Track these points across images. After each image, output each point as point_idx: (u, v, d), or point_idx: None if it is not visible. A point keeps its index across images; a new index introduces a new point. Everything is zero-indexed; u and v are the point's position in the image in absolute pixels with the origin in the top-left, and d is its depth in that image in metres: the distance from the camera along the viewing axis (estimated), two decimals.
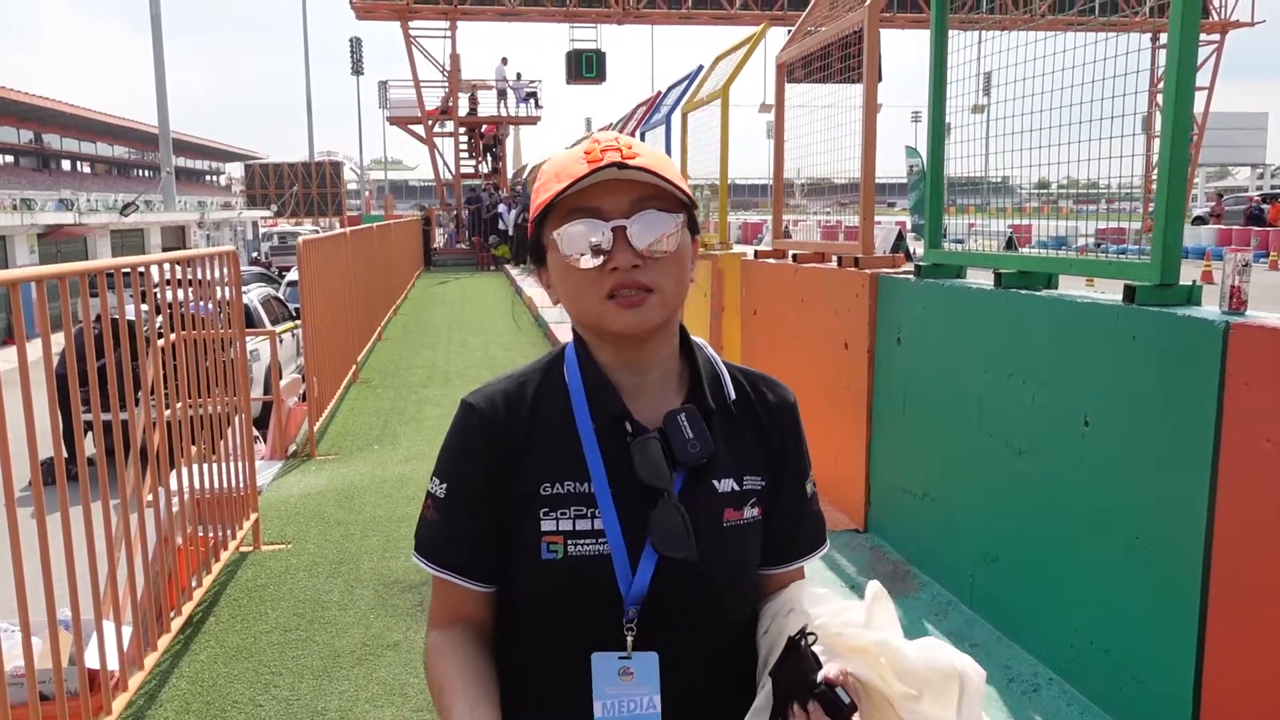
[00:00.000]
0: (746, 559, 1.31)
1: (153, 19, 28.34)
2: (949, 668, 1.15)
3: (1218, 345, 2.52)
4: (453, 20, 31.08)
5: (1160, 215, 2.87)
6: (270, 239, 37.07)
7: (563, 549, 1.23)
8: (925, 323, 4.19)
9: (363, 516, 5.66)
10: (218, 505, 4.61)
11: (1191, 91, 2.86)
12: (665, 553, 1.20)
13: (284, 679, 3.70)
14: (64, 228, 28.00)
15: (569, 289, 1.26)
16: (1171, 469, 2.70)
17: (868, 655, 1.18)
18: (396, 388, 9.97)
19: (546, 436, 1.27)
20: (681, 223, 1.25)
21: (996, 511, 3.64)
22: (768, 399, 1.37)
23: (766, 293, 6.19)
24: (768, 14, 30.09)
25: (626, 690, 1.23)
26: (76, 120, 64.47)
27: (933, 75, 4.28)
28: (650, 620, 1.23)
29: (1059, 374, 3.25)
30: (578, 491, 1.24)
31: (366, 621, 4.20)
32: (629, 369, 1.29)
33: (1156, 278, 2.87)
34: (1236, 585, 2.50)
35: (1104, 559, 3.01)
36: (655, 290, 1.22)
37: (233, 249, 5.17)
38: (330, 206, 47.50)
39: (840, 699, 1.15)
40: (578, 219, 1.21)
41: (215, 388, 4.67)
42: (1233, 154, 55.19)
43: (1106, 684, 2.98)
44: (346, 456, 7.18)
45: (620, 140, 1.24)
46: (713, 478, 1.28)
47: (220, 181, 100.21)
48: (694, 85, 9.17)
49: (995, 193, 4.75)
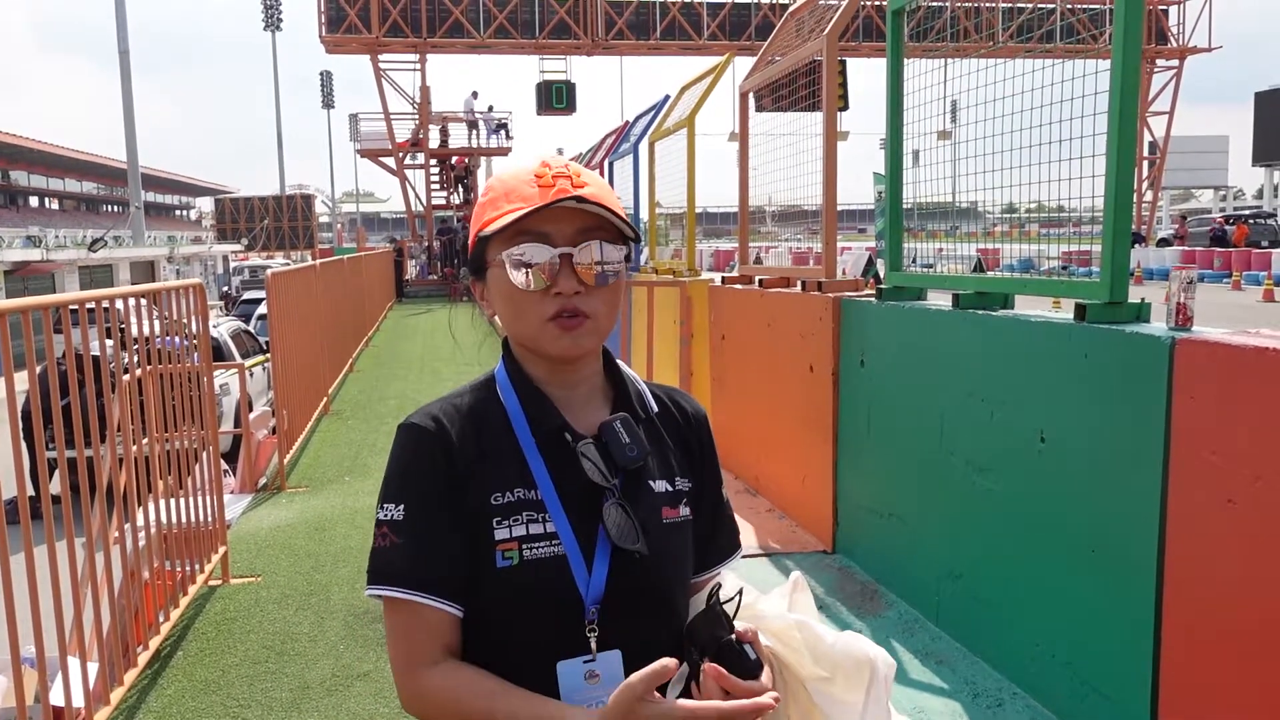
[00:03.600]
0: (685, 554, 1.38)
1: (120, 55, 28.30)
2: (862, 655, 1.22)
3: (1164, 360, 2.59)
4: (422, 53, 31.26)
5: (1108, 235, 2.95)
6: (241, 273, 36.89)
7: (518, 554, 1.25)
8: (887, 344, 4.25)
9: (333, 548, 5.64)
10: (185, 540, 4.59)
11: (1135, 117, 2.95)
12: (620, 544, 1.25)
13: (253, 711, 3.68)
14: (32, 264, 27.74)
15: (511, 309, 1.30)
16: (1124, 482, 2.76)
17: (786, 637, 1.25)
18: (368, 419, 9.94)
19: (490, 450, 1.30)
20: (624, 255, 1.30)
21: (960, 530, 3.69)
22: (685, 410, 1.45)
23: (734, 318, 6.26)
24: (735, 44, 30.46)
25: (593, 693, 1.24)
26: (44, 156, 64.06)
27: (890, 103, 4.37)
28: (609, 618, 1.26)
29: (1015, 392, 3.31)
30: (526, 498, 1.28)
31: (336, 653, 4.18)
32: (561, 384, 1.35)
33: (1106, 296, 2.95)
34: (1188, 594, 2.55)
35: (1063, 573, 3.06)
36: (592, 317, 1.28)
37: (200, 282, 5.17)
38: (302, 240, 47.35)
39: (746, 654, 1.18)
40: (527, 242, 1.26)
41: (183, 422, 4.66)
42: (1195, 177, 56.23)
43: (1068, 697, 3.02)
44: (317, 488, 7.14)
45: (570, 167, 1.28)
46: (648, 479, 1.34)
47: (190, 216, 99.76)
48: (660, 115, 9.26)
49: (962, 217, 4.84)
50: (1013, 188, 3.71)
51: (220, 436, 5.78)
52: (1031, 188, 3.57)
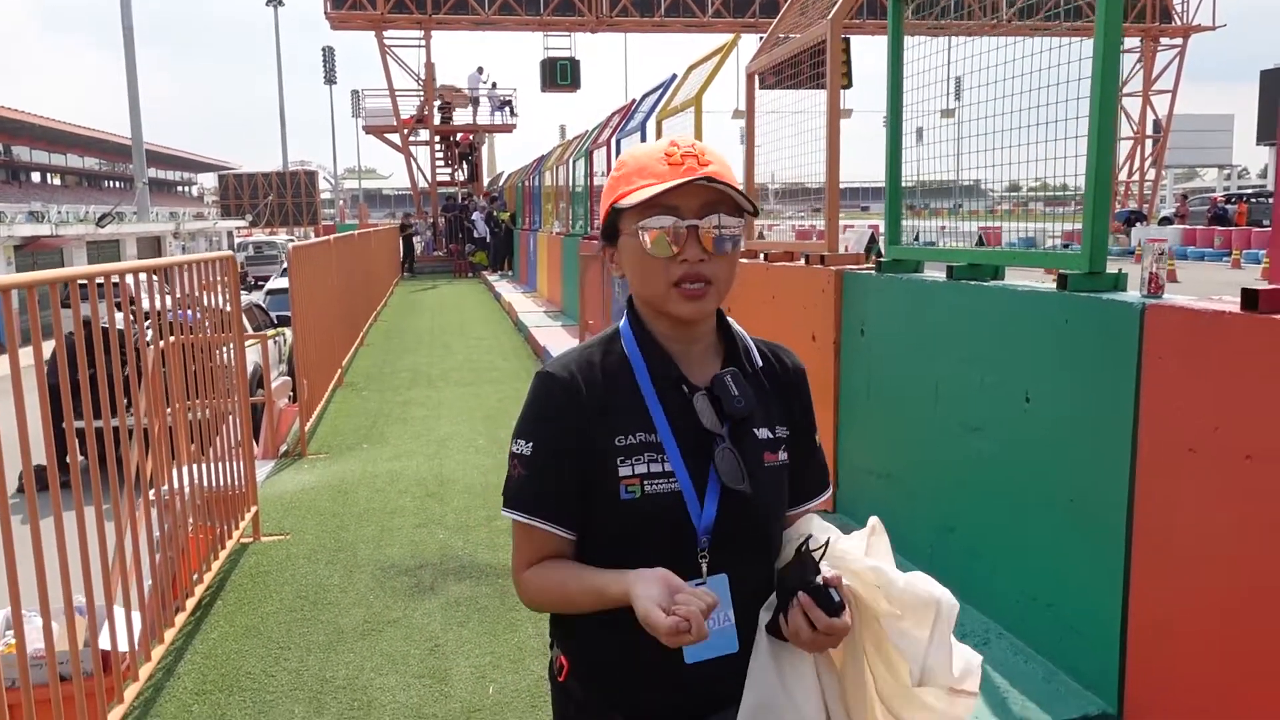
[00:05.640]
0: (782, 495, 1.57)
1: (124, 31, 28.41)
2: (929, 596, 1.38)
3: (1135, 324, 2.84)
4: (427, 30, 31.31)
5: (1089, 210, 3.20)
6: (245, 249, 37.11)
7: (640, 489, 1.44)
8: (886, 315, 4.51)
9: (356, 509, 5.92)
10: (219, 499, 4.86)
11: (1115, 96, 3.18)
12: (729, 484, 1.43)
13: (292, 653, 3.96)
14: (41, 239, 27.98)
15: (640, 272, 1.47)
16: (1099, 437, 3.02)
17: (863, 577, 1.42)
18: (382, 390, 10.21)
19: (615, 397, 1.48)
20: (742, 226, 1.47)
21: (952, 487, 3.96)
22: (786, 364, 1.63)
23: (740, 290, 6.44)
24: (740, 21, 30.55)
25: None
26: (46, 132, 64.10)
27: (890, 86, 4.60)
28: (717, 547, 1.45)
29: (1003, 356, 3.57)
30: (647, 441, 1.46)
31: (366, 602, 4.46)
32: (679, 340, 1.52)
33: (1086, 266, 3.19)
34: (1154, 537, 2.82)
35: (1046, 524, 3.32)
36: (713, 282, 1.44)
37: (230, 254, 5.42)
38: (305, 216, 47.49)
39: (831, 596, 1.36)
40: (658, 214, 1.42)
41: (210, 391, 4.92)
42: (1200, 155, 56.10)
43: (1048, 635, 3.30)
44: (336, 455, 7.42)
45: (696, 146, 1.44)
46: (753, 427, 1.52)
47: (193, 192, 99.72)
48: (668, 93, 9.47)
49: (965, 195, 5.04)
50: (1004, 166, 3.89)
51: (248, 403, 6.03)
52: (1028, 166, 3.75)
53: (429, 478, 6.61)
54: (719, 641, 1.44)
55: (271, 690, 3.66)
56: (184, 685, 3.70)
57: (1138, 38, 36.19)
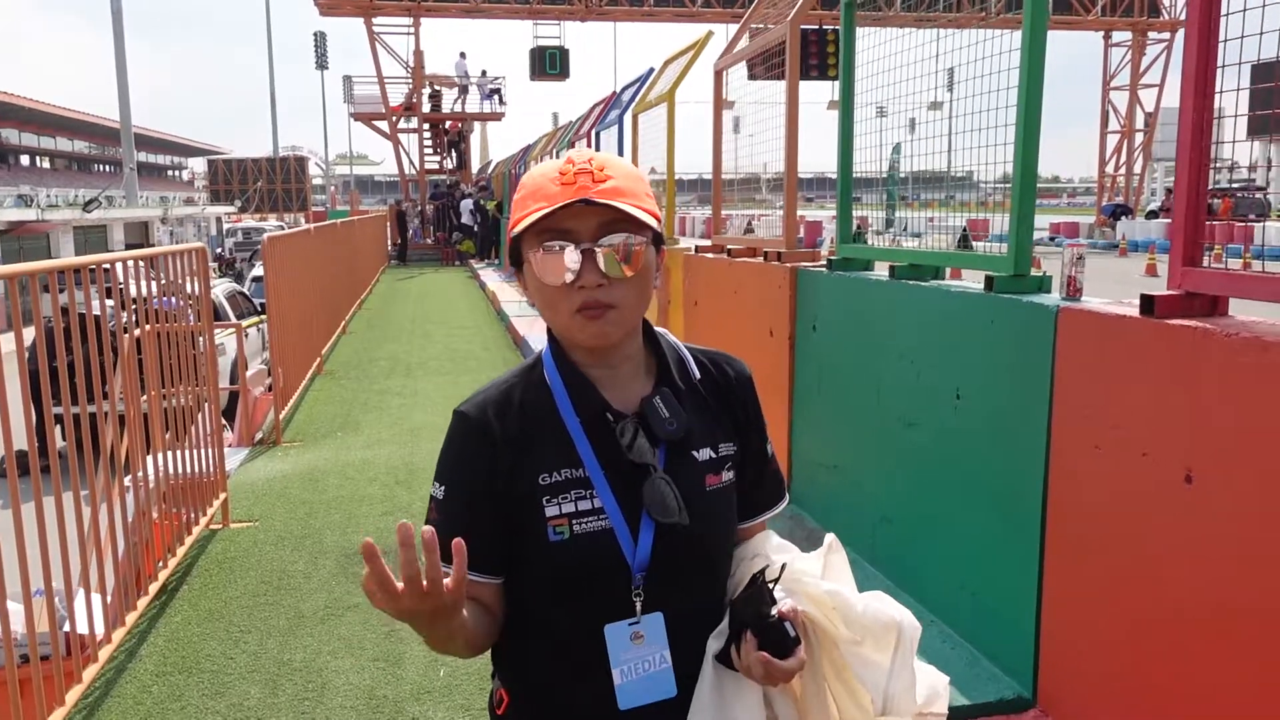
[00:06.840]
0: (729, 518, 1.48)
1: (114, 14, 28.37)
2: (889, 620, 1.34)
3: (1050, 326, 2.97)
4: (416, 16, 31.29)
5: (1014, 214, 3.32)
6: (234, 234, 37.09)
7: (568, 529, 1.35)
8: (835, 311, 4.63)
9: (326, 496, 6.04)
10: (188, 487, 4.97)
11: (1040, 96, 3.25)
12: (661, 519, 1.34)
13: (252, 636, 4.08)
14: (27, 224, 27.95)
15: (543, 301, 1.39)
16: (1018, 434, 3.15)
17: (821, 602, 1.37)
18: (359, 379, 10.32)
19: (537, 432, 1.39)
20: (644, 243, 1.35)
21: (891, 479, 4.09)
22: (729, 373, 1.53)
23: (706, 285, 6.62)
24: (729, 11, 30.55)
25: (639, 652, 1.37)
26: (35, 114, 63.82)
27: (843, 81, 4.71)
28: (654, 584, 1.37)
29: (937, 354, 3.70)
30: (574, 477, 1.37)
31: (329, 588, 4.59)
32: (601, 365, 1.42)
33: (1011, 269, 3.32)
34: (1065, 527, 2.95)
35: (972, 516, 3.46)
36: (616, 307, 1.34)
37: (202, 245, 5.51)
38: (295, 202, 47.37)
39: (787, 631, 1.29)
40: (550, 240, 1.32)
41: (183, 380, 5.02)
42: None
43: (973, 621, 3.44)
44: (311, 443, 7.53)
45: (594, 162, 1.33)
46: (691, 449, 1.43)
47: (182, 177, 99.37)
48: (644, 87, 9.56)
49: (941, 187, 5.08)
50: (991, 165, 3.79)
51: (219, 393, 6.14)
52: (978, 162, 3.77)
53: (399, 466, 6.73)
54: (655, 685, 1.38)
55: (229, 672, 3.78)
56: (145, 667, 3.82)
57: (1127, 31, 36.34)
